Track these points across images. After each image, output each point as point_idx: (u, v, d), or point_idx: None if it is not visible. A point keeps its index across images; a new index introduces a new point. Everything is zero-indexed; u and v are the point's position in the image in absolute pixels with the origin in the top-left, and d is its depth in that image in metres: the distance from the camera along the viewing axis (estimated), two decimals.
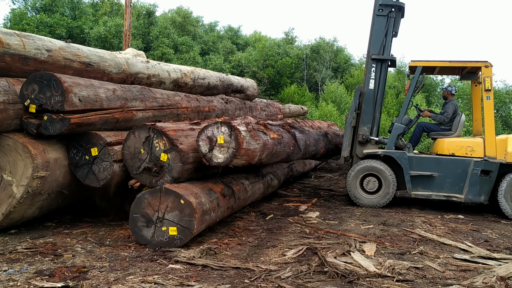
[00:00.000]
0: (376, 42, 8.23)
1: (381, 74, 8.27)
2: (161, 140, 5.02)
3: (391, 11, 8.14)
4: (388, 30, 8.19)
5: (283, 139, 6.39)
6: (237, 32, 45.00)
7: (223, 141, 5.02)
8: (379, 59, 8.22)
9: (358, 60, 39.95)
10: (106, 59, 6.37)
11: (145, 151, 5.06)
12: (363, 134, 8.15)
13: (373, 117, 8.26)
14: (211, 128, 5.07)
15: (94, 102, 5.29)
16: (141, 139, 5.07)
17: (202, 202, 4.96)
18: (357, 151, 8.24)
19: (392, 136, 8.09)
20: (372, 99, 8.25)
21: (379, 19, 8.19)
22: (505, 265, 4.70)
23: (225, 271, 4.18)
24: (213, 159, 5.06)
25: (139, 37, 31.86)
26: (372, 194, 7.90)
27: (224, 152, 5.04)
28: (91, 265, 4.17)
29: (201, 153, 5.09)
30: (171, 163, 5.00)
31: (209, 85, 8.82)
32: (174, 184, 4.93)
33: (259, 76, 31.88)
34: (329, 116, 23.78)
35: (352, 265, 4.43)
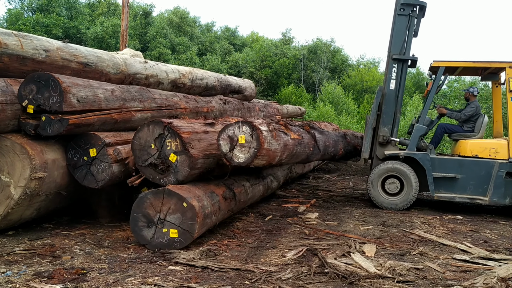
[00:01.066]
0: (397, 41, 8.08)
1: (401, 74, 8.13)
2: (174, 141, 4.97)
3: (413, 10, 7.99)
4: (410, 29, 8.03)
5: (303, 140, 6.29)
6: (234, 33, 45.01)
7: (244, 140, 4.96)
8: (400, 59, 8.07)
9: (355, 60, 40.03)
10: (104, 60, 6.34)
11: (155, 147, 5.00)
12: (383, 135, 8.03)
13: (394, 118, 8.13)
14: (232, 127, 5.01)
15: (93, 102, 5.26)
16: (154, 134, 5.00)
17: (204, 206, 4.93)
18: (378, 152, 8.12)
19: (413, 137, 7.96)
20: (393, 100, 8.10)
21: (400, 18, 8.03)
22: (505, 265, 4.69)
23: (225, 272, 4.15)
24: (233, 159, 5.01)
25: (136, 37, 31.81)
26: (394, 196, 7.80)
27: (245, 152, 4.98)
28: (90, 266, 4.14)
29: (222, 152, 5.04)
30: (179, 165, 4.96)
31: (207, 85, 8.81)
32: (177, 186, 4.90)
33: (257, 77, 31.89)
34: (326, 117, 23.79)
35: (353, 266, 4.42)
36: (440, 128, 8.47)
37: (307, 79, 34.43)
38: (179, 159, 4.95)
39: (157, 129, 5.01)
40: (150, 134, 5.03)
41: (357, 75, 33.92)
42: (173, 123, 5.02)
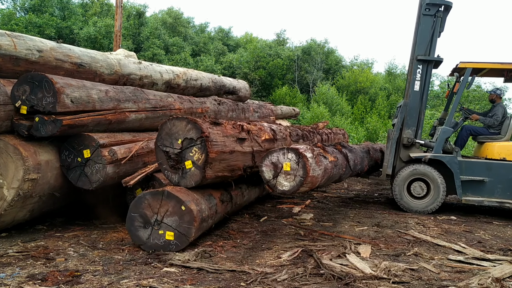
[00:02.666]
0: (422, 42, 7.97)
1: (426, 76, 8.03)
2: (199, 154, 4.83)
3: (438, 11, 7.89)
4: (435, 30, 7.93)
5: (338, 161, 6.13)
6: (228, 34, 44.98)
7: (289, 168, 4.81)
8: (425, 60, 7.98)
9: (349, 61, 40.14)
10: (98, 60, 6.30)
11: (181, 144, 4.87)
12: (408, 137, 7.93)
13: (418, 119, 8.04)
14: (276, 153, 4.87)
15: (87, 103, 5.22)
16: (188, 134, 4.85)
17: (202, 210, 4.90)
18: (401, 155, 8.03)
19: (440, 139, 7.86)
20: (417, 101, 8.02)
21: (425, 18, 7.93)
22: (500, 266, 4.72)
23: (221, 274, 4.13)
24: (277, 187, 4.85)
25: (129, 37, 31.69)
26: (420, 199, 7.72)
27: (290, 180, 4.82)
28: (84, 268, 4.11)
29: (264, 179, 4.90)
30: (189, 175, 4.90)
31: (201, 86, 8.78)
32: (177, 188, 4.87)
33: (251, 78, 31.89)
34: (320, 118, 23.81)
35: (348, 267, 4.42)
36: (466, 131, 8.32)
37: (301, 80, 34.47)
38: (193, 170, 4.87)
39: (193, 132, 4.84)
40: (185, 130, 4.86)
41: (351, 76, 34.02)
42: (209, 138, 4.81)
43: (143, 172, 5.54)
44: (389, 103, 31.40)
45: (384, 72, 39.20)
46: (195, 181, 4.88)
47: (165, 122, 4.94)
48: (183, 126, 4.88)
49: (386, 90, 33.55)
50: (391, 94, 32.97)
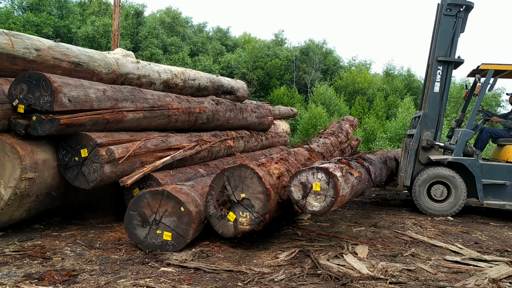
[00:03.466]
0: (443, 43, 7.90)
1: (446, 77, 7.96)
2: (246, 212, 4.83)
3: (460, 11, 7.83)
4: (456, 30, 7.87)
5: (362, 176, 6.06)
6: (226, 33, 44.94)
7: (319, 188, 4.73)
8: (446, 61, 7.92)
9: (347, 62, 40.17)
10: (96, 59, 6.29)
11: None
12: (427, 140, 7.85)
13: (438, 121, 7.97)
14: (305, 173, 4.78)
15: (84, 102, 5.21)
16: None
17: (201, 211, 4.90)
18: (420, 157, 7.94)
19: (460, 141, 7.76)
20: (437, 103, 7.94)
21: (446, 19, 7.87)
22: (496, 267, 4.73)
23: (218, 274, 4.13)
24: (307, 207, 4.77)
25: (127, 37, 31.64)
26: (440, 203, 7.68)
27: (320, 200, 4.74)
28: (81, 268, 4.10)
29: (293, 199, 4.81)
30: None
31: (199, 86, 8.76)
32: (177, 188, 4.87)
33: (249, 78, 31.87)
34: (318, 118, 23.83)
35: (345, 267, 4.42)
36: (486, 133, 8.25)
37: (299, 80, 34.48)
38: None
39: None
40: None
41: (349, 77, 34.03)
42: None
43: (141, 172, 5.54)
44: (387, 104, 31.45)
45: (382, 73, 39.23)
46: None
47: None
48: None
49: (384, 91, 33.59)
50: (389, 95, 33.01)
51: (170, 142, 6.47)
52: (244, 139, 9.65)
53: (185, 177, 6.29)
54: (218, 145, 7.98)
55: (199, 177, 6.45)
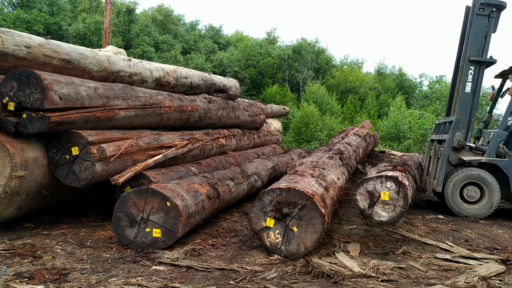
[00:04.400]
0: (475, 43, 7.82)
1: (478, 77, 7.85)
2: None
3: (492, 11, 7.74)
4: (488, 30, 7.76)
5: (412, 183, 5.93)
6: (218, 32, 44.88)
7: (388, 198, 4.62)
8: (478, 61, 7.82)
9: (339, 61, 40.30)
10: (87, 57, 6.24)
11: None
12: (458, 140, 7.74)
13: (468, 122, 7.86)
14: (373, 181, 4.67)
15: (75, 100, 5.17)
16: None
17: (188, 205, 4.90)
18: (450, 158, 7.81)
19: (493, 142, 7.64)
20: (468, 104, 7.83)
21: (479, 18, 7.78)
22: (486, 264, 4.77)
23: (210, 272, 4.13)
24: (373, 217, 4.67)
25: (119, 34, 31.47)
26: (473, 204, 7.60)
27: (389, 210, 4.63)
28: (72, 267, 4.07)
29: (358, 208, 4.71)
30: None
31: (191, 84, 8.74)
32: (161, 185, 4.86)
33: (241, 76, 31.87)
34: (310, 117, 23.87)
35: (337, 265, 4.43)
36: None
37: (292, 79, 34.52)
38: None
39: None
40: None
41: (341, 76, 34.16)
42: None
43: (133, 170, 5.51)
44: (379, 102, 31.60)
45: (374, 72, 39.42)
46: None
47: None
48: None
49: (375, 90, 33.76)
50: (381, 94, 33.18)
51: (162, 141, 6.44)
52: (236, 137, 9.65)
53: (177, 175, 6.28)
54: (210, 143, 7.97)
55: (191, 175, 6.44)
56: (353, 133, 12.03)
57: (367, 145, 12.62)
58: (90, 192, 6.26)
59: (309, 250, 4.57)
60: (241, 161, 8.92)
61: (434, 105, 29.85)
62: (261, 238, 4.70)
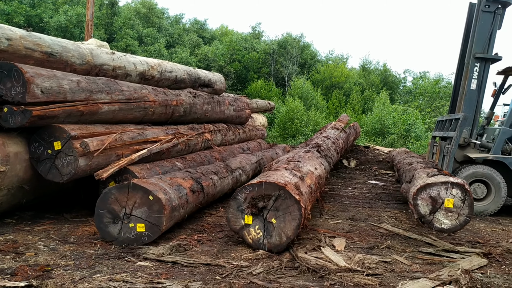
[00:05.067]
0: (480, 39, 7.84)
1: (483, 74, 7.88)
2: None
3: (498, 8, 7.77)
4: (494, 27, 7.81)
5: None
6: (203, 26, 44.58)
7: (452, 205, 4.55)
8: (483, 58, 7.85)
9: (324, 56, 40.41)
10: (69, 49, 6.12)
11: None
12: (464, 137, 7.76)
13: (474, 119, 7.89)
14: (437, 187, 4.57)
15: (57, 94, 5.07)
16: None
17: (171, 199, 4.86)
18: (456, 155, 7.81)
19: (499, 140, 7.70)
20: (474, 101, 7.86)
21: (485, 15, 7.81)
22: (468, 258, 4.84)
23: (196, 267, 4.11)
24: (434, 223, 4.60)
25: (101, 27, 31.05)
26: (479, 201, 7.58)
27: (452, 218, 4.57)
28: (55, 263, 4.01)
29: (418, 213, 4.62)
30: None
31: (176, 78, 8.66)
32: (143, 180, 4.82)
33: (226, 71, 31.75)
34: (295, 112, 23.92)
35: (323, 260, 4.45)
36: None
37: (277, 73, 34.52)
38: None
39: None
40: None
41: (326, 71, 34.28)
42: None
43: (117, 165, 5.45)
44: (363, 98, 31.80)
45: (359, 68, 39.66)
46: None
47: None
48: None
49: (360, 85, 33.96)
50: (365, 89, 33.39)
51: (147, 135, 6.38)
52: (222, 132, 9.61)
53: (162, 170, 6.22)
54: (195, 138, 7.92)
55: (176, 170, 6.39)
56: (331, 127, 12.34)
57: (347, 135, 12.90)
58: (73, 187, 6.17)
59: (291, 239, 4.61)
60: (226, 156, 8.89)
61: (417, 100, 30.18)
62: (243, 237, 4.72)
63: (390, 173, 12.11)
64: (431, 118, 26.07)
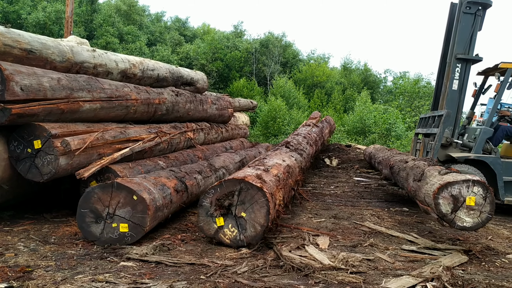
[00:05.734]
0: (462, 40, 7.97)
1: (465, 74, 8.00)
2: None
3: (479, 9, 7.92)
4: (475, 28, 7.94)
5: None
6: (185, 24, 44.32)
7: (474, 203, 4.54)
8: (464, 59, 7.96)
9: (306, 55, 40.58)
10: (49, 47, 6.00)
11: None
12: (446, 137, 7.87)
13: (455, 119, 7.96)
14: (458, 185, 4.58)
15: (37, 91, 4.97)
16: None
17: (156, 198, 4.81)
18: (439, 154, 7.93)
19: (480, 139, 7.79)
20: (455, 101, 7.95)
21: (466, 16, 7.93)
22: (450, 255, 4.92)
23: (180, 267, 4.07)
24: (456, 222, 4.59)
25: (81, 24, 30.59)
26: None
27: (474, 216, 4.55)
28: (35, 264, 3.93)
29: (439, 212, 4.61)
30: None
31: (158, 76, 8.58)
32: (127, 179, 4.76)
33: (208, 69, 31.64)
34: (278, 111, 23.96)
35: (307, 258, 4.47)
36: (502, 131, 8.21)
37: (259, 72, 34.54)
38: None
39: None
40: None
41: (308, 70, 34.45)
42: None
43: (99, 164, 5.36)
44: (345, 97, 32.05)
45: (340, 67, 39.96)
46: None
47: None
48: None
49: (341, 85, 34.22)
50: (347, 88, 33.66)
51: (129, 134, 6.30)
52: (204, 131, 9.56)
53: (145, 169, 6.16)
54: (178, 137, 7.86)
55: (158, 169, 6.33)
56: (302, 125, 12.79)
57: (321, 128, 13.25)
58: (53, 186, 6.06)
59: (265, 226, 4.66)
60: (209, 155, 8.85)
61: (398, 100, 30.56)
62: (220, 239, 4.74)
63: (371, 171, 12.24)
64: (411, 118, 26.45)
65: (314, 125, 12.67)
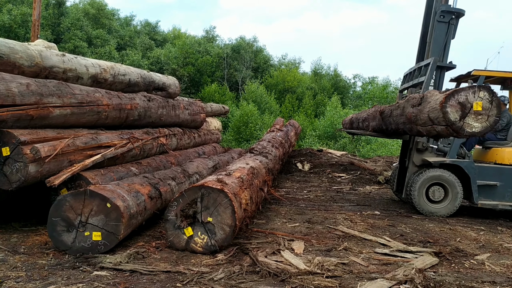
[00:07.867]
0: (436, 48, 8.16)
1: (439, 81, 8.17)
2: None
3: (452, 18, 8.11)
4: (448, 36, 8.15)
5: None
6: (154, 28, 43.91)
7: (481, 108, 4.48)
8: (439, 66, 8.11)
9: (277, 61, 40.84)
10: (17, 51, 5.84)
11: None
12: (422, 142, 7.99)
13: None
14: (464, 92, 4.52)
15: (6, 97, 4.82)
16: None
17: (130, 206, 4.73)
18: (415, 159, 8.09)
19: (454, 145, 7.92)
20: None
21: (440, 25, 8.13)
22: (421, 257, 5.04)
23: (155, 275, 4.02)
24: (465, 128, 4.53)
25: (48, 28, 29.88)
26: (438, 204, 7.83)
27: (482, 121, 4.49)
28: (5, 275, 3.80)
29: (448, 121, 4.51)
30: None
31: (130, 82, 8.47)
32: (100, 186, 4.67)
33: (179, 74, 31.43)
34: (250, 116, 24.01)
35: (283, 263, 4.48)
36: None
37: (231, 77, 34.55)
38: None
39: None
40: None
41: (279, 75, 34.68)
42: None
43: (69, 171, 5.25)
44: (315, 102, 32.39)
45: (310, 72, 40.39)
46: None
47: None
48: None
49: (312, 90, 34.60)
50: (317, 93, 34.05)
51: (101, 140, 6.19)
52: (177, 136, 9.49)
53: (117, 176, 6.05)
54: (150, 142, 7.77)
55: (131, 176, 6.24)
56: (267, 132, 13.04)
57: (285, 132, 13.48)
58: (22, 195, 5.88)
59: (234, 226, 4.71)
60: (182, 160, 8.78)
61: (367, 105, 31.13)
62: (192, 249, 4.74)
63: (343, 176, 12.41)
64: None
65: (278, 130, 12.86)
